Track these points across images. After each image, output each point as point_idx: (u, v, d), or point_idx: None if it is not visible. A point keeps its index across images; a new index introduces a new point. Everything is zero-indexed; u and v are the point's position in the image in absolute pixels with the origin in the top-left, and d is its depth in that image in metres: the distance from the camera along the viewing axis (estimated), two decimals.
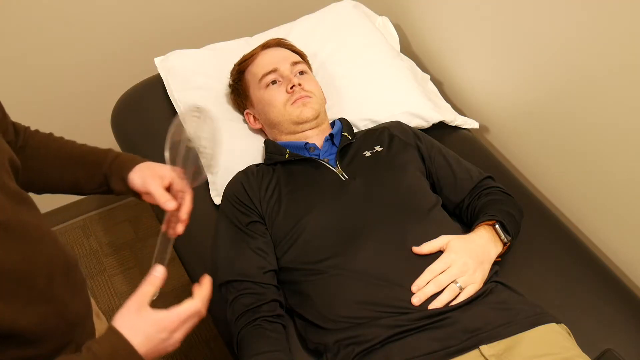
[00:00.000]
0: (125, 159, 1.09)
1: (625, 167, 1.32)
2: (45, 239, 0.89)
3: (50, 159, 1.08)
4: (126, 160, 1.09)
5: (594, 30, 1.27)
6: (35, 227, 0.87)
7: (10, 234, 0.81)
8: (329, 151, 1.39)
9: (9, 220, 0.82)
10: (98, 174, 1.09)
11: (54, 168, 1.09)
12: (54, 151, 1.09)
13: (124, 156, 1.10)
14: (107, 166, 1.08)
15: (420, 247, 1.17)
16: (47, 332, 0.86)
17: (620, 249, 1.42)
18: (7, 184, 0.85)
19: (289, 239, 1.24)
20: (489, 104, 1.68)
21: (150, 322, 0.84)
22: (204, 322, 2.01)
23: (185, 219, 1.01)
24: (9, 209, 0.83)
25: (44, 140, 1.10)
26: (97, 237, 2.21)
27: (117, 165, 1.08)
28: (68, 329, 0.90)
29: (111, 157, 1.09)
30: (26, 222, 0.86)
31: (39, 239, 0.87)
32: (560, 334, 1.09)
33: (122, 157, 1.10)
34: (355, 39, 1.71)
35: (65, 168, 1.09)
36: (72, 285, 0.93)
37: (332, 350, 1.12)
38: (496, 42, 1.57)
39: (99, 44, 1.86)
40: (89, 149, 1.12)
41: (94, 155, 1.10)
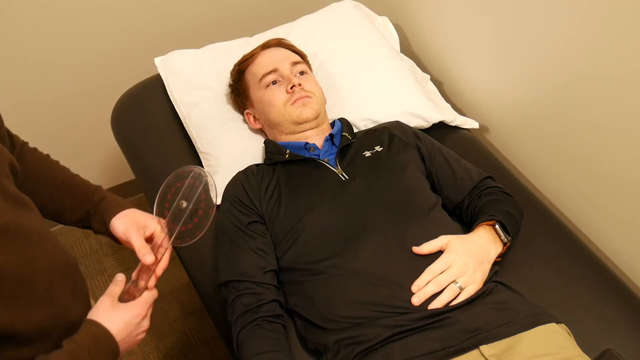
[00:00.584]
0: (112, 202, 1.09)
1: (625, 167, 1.32)
2: (45, 241, 0.90)
3: (43, 180, 1.08)
4: (112, 204, 1.09)
5: (594, 31, 1.27)
6: (35, 231, 0.88)
7: (10, 237, 0.82)
8: (329, 151, 1.39)
9: (9, 223, 0.82)
10: (82, 208, 1.09)
11: (44, 190, 1.08)
12: (48, 174, 1.09)
13: (111, 198, 1.10)
14: (93, 204, 1.08)
15: (420, 247, 1.17)
16: (46, 333, 0.86)
17: (620, 249, 1.42)
18: (6, 188, 0.85)
19: (289, 239, 1.24)
20: (489, 104, 1.68)
21: (124, 311, 0.94)
22: (204, 322, 2.03)
23: (159, 275, 1.02)
24: (9, 212, 0.83)
25: (40, 161, 1.10)
26: (97, 237, 2.20)
27: (102, 206, 1.08)
28: (67, 330, 0.90)
29: (99, 196, 1.09)
30: (26, 226, 0.86)
31: (39, 242, 0.88)
32: (560, 334, 1.09)
33: (109, 199, 1.10)
34: (355, 39, 1.71)
35: (55, 193, 1.08)
36: (72, 287, 0.93)
37: (332, 350, 1.12)
38: (496, 42, 1.57)
39: (99, 44, 1.86)
40: (80, 181, 1.12)
41: (84, 189, 1.10)
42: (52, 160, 1.13)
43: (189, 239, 1.00)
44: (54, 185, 1.08)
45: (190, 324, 1.97)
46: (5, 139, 1.00)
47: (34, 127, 1.93)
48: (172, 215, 1.00)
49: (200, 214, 1.00)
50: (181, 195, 1.00)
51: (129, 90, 1.76)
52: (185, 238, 1.01)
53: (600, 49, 1.27)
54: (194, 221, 1.00)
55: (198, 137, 1.56)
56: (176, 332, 1.95)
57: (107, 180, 2.22)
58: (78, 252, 2.16)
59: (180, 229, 1.00)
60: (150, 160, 1.63)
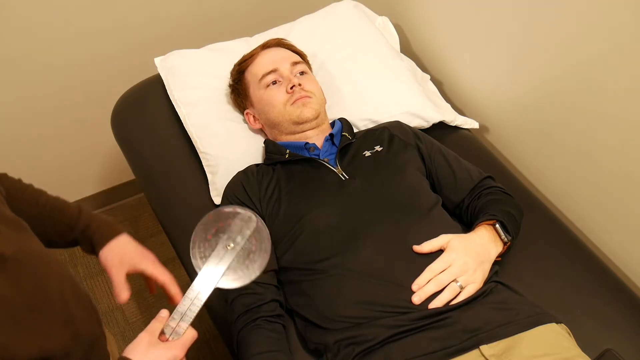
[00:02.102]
0: (96, 232, 1.05)
1: (625, 167, 1.32)
2: (51, 262, 0.89)
3: (22, 209, 1.02)
4: (97, 235, 1.04)
5: (594, 31, 1.27)
6: (39, 254, 0.87)
7: (21, 266, 0.81)
8: (329, 151, 1.39)
9: (17, 252, 0.81)
10: (69, 235, 1.06)
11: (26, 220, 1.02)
12: (26, 202, 1.04)
13: (96, 225, 1.05)
14: (79, 232, 1.05)
15: (421, 246, 1.17)
16: (69, 353, 0.85)
17: (620, 249, 1.42)
18: (5, 214, 0.85)
19: (289, 239, 1.24)
20: (489, 104, 1.68)
21: (161, 350, 0.90)
22: (204, 322, 2.02)
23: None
24: (15, 239, 0.82)
25: (16, 188, 1.06)
26: None
27: (88, 235, 1.05)
28: (86, 348, 0.89)
29: (83, 223, 1.05)
30: (32, 250, 0.85)
31: (47, 265, 0.87)
32: (560, 334, 1.09)
33: (94, 226, 1.05)
34: (355, 39, 1.71)
35: (36, 221, 1.02)
36: (82, 302, 0.92)
37: (332, 350, 1.12)
38: (496, 42, 1.57)
39: (98, 44, 1.86)
40: (62, 206, 1.07)
41: (65, 215, 1.06)
42: (26, 185, 1.08)
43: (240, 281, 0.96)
44: (36, 213, 1.04)
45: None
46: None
47: (33, 127, 1.93)
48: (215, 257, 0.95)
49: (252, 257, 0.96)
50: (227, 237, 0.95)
51: (129, 90, 1.76)
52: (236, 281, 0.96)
53: (600, 49, 1.27)
54: (245, 263, 0.96)
55: (198, 137, 1.56)
56: None
57: (107, 180, 2.22)
58: (78, 251, 2.16)
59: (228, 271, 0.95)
60: (150, 160, 1.63)
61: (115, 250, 1.04)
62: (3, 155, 1.92)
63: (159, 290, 1.09)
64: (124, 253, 1.04)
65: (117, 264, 1.02)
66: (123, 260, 1.03)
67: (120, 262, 1.03)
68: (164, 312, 0.95)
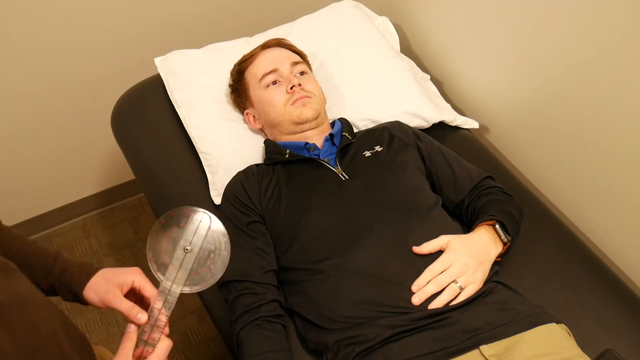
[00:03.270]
0: (75, 272, 0.98)
1: (625, 167, 1.32)
2: (39, 304, 0.86)
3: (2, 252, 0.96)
4: (76, 274, 0.98)
5: (594, 31, 1.27)
6: (28, 296, 0.84)
7: (13, 312, 0.79)
8: (329, 151, 1.39)
9: (9, 298, 0.78)
10: (45, 281, 0.99)
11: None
12: (5, 246, 0.99)
13: (73, 269, 0.99)
14: (56, 277, 0.99)
15: (421, 247, 1.17)
16: None
17: (620, 249, 1.42)
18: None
19: (289, 239, 1.24)
20: (489, 104, 1.68)
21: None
22: (204, 322, 2.02)
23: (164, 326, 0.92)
24: (5, 285, 0.80)
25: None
26: (97, 237, 2.21)
27: (66, 279, 0.98)
28: None
29: (60, 268, 0.99)
30: (21, 294, 0.82)
31: (35, 307, 0.84)
32: (560, 334, 1.09)
33: (70, 270, 0.99)
34: (355, 39, 1.71)
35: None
36: (73, 339, 0.90)
37: (332, 350, 1.12)
38: (496, 42, 1.57)
39: (99, 44, 1.86)
40: (35, 250, 1.01)
41: (41, 260, 1.00)
42: (3, 227, 1.02)
43: (204, 284, 0.92)
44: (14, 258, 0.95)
45: (190, 324, 1.97)
46: None
47: (33, 127, 1.93)
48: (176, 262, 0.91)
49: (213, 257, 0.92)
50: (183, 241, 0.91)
51: (129, 90, 1.76)
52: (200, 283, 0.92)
53: (600, 49, 1.27)
54: (207, 265, 0.92)
55: (198, 137, 1.56)
56: (176, 332, 1.95)
57: (107, 180, 2.22)
58: (78, 252, 2.16)
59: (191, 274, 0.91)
60: (150, 161, 1.63)
61: (99, 283, 0.97)
62: (3, 155, 1.92)
63: None
64: (108, 280, 0.97)
65: (108, 293, 0.96)
66: (111, 285, 0.96)
67: (110, 289, 0.96)
68: (131, 327, 0.90)
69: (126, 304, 0.94)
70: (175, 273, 0.91)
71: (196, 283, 0.92)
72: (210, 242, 0.93)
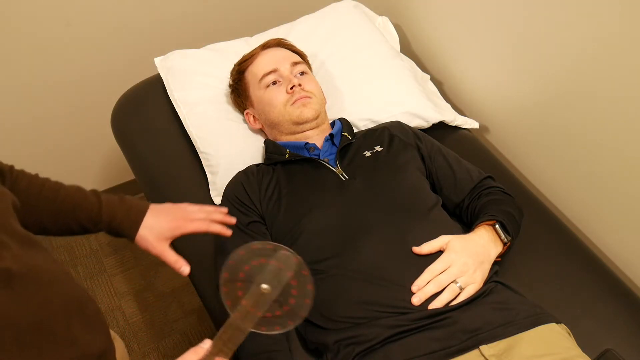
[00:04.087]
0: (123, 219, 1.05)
1: (625, 167, 1.32)
2: (58, 279, 0.87)
3: (42, 208, 1.03)
4: (125, 222, 1.05)
5: (594, 31, 1.27)
6: (46, 270, 0.85)
7: (27, 283, 0.79)
8: (329, 151, 1.39)
9: (24, 268, 0.79)
10: (92, 230, 1.06)
11: (47, 217, 1.04)
12: (44, 200, 1.04)
13: (119, 216, 1.05)
14: (105, 225, 1.06)
15: (420, 247, 1.17)
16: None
17: (620, 249, 1.42)
18: (16, 230, 0.83)
19: (289, 239, 1.24)
20: (489, 104, 1.68)
21: None
22: (204, 322, 2.02)
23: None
24: (23, 256, 0.81)
25: (33, 187, 1.04)
26: (97, 237, 2.21)
27: (115, 226, 1.06)
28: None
29: (106, 218, 1.05)
30: (39, 267, 0.83)
31: (52, 282, 0.85)
32: (560, 334, 1.09)
33: (117, 219, 1.05)
34: (355, 39, 1.71)
35: (57, 217, 1.04)
36: (89, 321, 0.90)
37: (332, 350, 1.12)
38: (496, 42, 1.57)
39: (99, 43, 1.86)
40: (78, 202, 1.05)
41: (85, 211, 1.04)
42: (42, 181, 1.06)
43: (279, 327, 0.84)
44: (57, 212, 1.04)
45: (190, 324, 1.97)
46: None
47: (33, 127, 1.93)
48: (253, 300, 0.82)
49: (292, 302, 0.84)
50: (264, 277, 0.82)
51: (129, 90, 1.76)
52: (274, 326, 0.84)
53: (600, 48, 1.27)
54: (283, 309, 0.84)
55: (198, 137, 1.56)
56: (176, 332, 1.95)
57: (107, 180, 2.22)
58: (78, 252, 2.16)
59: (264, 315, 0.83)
60: (150, 160, 1.63)
61: (148, 235, 1.04)
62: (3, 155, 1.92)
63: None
64: (156, 232, 1.04)
65: (156, 245, 1.03)
66: (159, 239, 1.04)
67: (158, 242, 1.04)
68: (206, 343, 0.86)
69: (171, 257, 1.03)
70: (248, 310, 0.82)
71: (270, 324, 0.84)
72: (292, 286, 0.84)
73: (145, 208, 1.07)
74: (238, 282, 0.84)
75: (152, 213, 1.07)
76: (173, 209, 1.10)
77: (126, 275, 2.10)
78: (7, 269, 0.76)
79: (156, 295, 2.04)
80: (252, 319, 0.82)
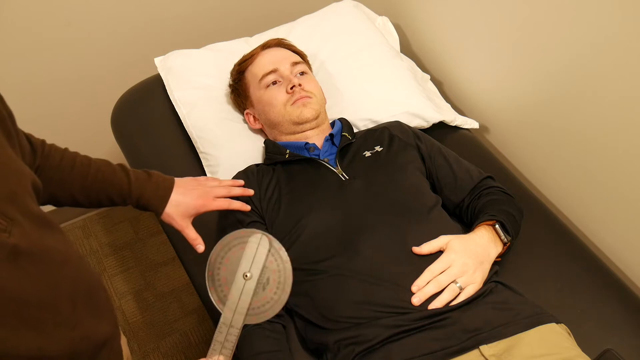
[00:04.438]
0: (151, 197, 1.13)
1: (625, 167, 1.32)
2: (69, 262, 0.88)
3: (74, 183, 1.10)
4: (152, 199, 1.13)
5: (594, 31, 1.27)
6: (58, 252, 0.86)
7: (35, 261, 0.80)
8: (329, 151, 1.39)
9: (33, 246, 0.80)
10: (121, 204, 1.14)
11: (78, 191, 1.11)
12: (76, 175, 1.10)
13: (148, 193, 1.13)
14: (134, 202, 1.13)
15: (420, 248, 1.17)
16: (75, 356, 0.85)
17: (620, 249, 1.42)
18: (31, 209, 0.84)
19: (289, 239, 1.24)
20: (489, 104, 1.68)
21: None
22: (204, 322, 2.02)
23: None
24: (34, 234, 0.82)
25: (66, 162, 1.10)
26: (97, 237, 2.21)
27: (143, 203, 1.13)
28: (95, 350, 0.89)
29: (135, 195, 1.12)
30: (50, 247, 0.85)
31: (63, 264, 0.86)
32: (560, 334, 1.09)
33: (145, 196, 1.13)
34: (355, 39, 1.71)
35: (90, 192, 1.11)
36: (96, 307, 0.91)
37: (332, 350, 1.12)
38: (496, 42, 1.57)
39: (99, 43, 1.87)
40: (108, 178, 1.12)
41: (115, 187, 1.12)
42: (73, 156, 1.12)
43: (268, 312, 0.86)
44: (88, 188, 1.11)
45: (190, 324, 1.97)
46: (23, 143, 0.98)
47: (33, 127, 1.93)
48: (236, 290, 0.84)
49: (275, 281, 0.85)
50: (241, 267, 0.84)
51: (129, 90, 1.77)
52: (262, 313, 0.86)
53: (600, 48, 1.27)
54: (268, 291, 0.85)
55: (198, 137, 1.56)
56: (176, 332, 1.95)
57: None
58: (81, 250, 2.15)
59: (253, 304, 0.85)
60: (150, 160, 1.62)
61: (173, 212, 1.13)
62: None
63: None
64: (181, 210, 1.13)
65: (180, 222, 1.13)
66: (184, 216, 1.13)
67: (181, 219, 1.13)
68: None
69: (192, 234, 1.14)
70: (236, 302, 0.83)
71: (259, 312, 0.85)
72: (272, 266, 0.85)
73: (171, 184, 1.15)
74: (222, 278, 0.85)
75: (178, 190, 1.15)
76: (197, 187, 1.19)
77: (126, 275, 2.10)
78: (14, 245, 0.77)
79: (156, 295, 2.05)
80: (242, 312, 0.83)
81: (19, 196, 0.82)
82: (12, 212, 0.79)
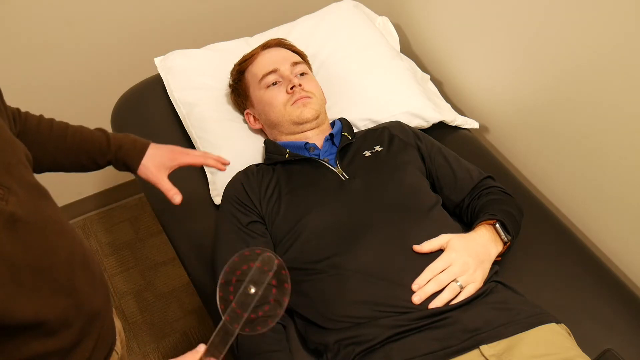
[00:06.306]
0: (129, 149, 1.18)
1: (625, 167, 1.32)
2: (65, 232, 0.90)
3: (52, 147, 1.13)
4: (130, 151, 1.18)
5: (594, 31, 1.27)
6: (54, 221, 0.88)
7: (31, 229, 0.82)
8: (329, 151, 1.39)
9: (29, 215, 0.82)
10: (101, 161, 1.18)
11: (59, 152, 1.14)
12: (55, 138, 1.13)
13: (126, 145, 1.18)
14: (112, 155, 1.17)
15: (421, 246, 1.17)
16: (68, 323, 0.87)
17: (620, 249, 1.42)
18: (26, 179, 0.86)
19: (289, 239, 1.24)
20: (489, 104, 1.68)
21: None
22: (204, 322, 2.02)
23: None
24: (29, 203, 0.83)
25: (44, 126, 1.13)
26: (97, 237, 2.21)
27: (121, 155, 1.18)
28: (88, 320, 0.90)
29: (114, 147, 1.17)
30: (46, 217, 0.86)
31: (59, 233, 0.88)
32: (560, 334, 1.09)
33: (123, 150, 1.18)
34: (355, 39, 1.71)
35: (67, 153, 1.15)
36: (91, 278, 0.93)
37: (332, 350, 1.12)
38: (496, 42, 1.57)
39: (99, 43, 1.86)
40: (86, 137, 1.17)
41: (94, 145, 1.16)
42: (49, 122, 1.15)
43: (260, 327, 0.90)
44: (67, 149, 1.14)
45: (190, 324, 1.97)
46: (9, 115, 1.01)
47: None
48: (239, 301, 0.88)
49: (272, 301, 0.89)
50: (249, 279, 0.88)
51: (129, 90, 1.77)
52: (256, 326, 0.90)
53: (600, 48, 1.27)
54: (264, 309, 0.90)
55: (198, 137, 1.56)
56: (176, 332, 1.95)
57: (107, 180, 2.22)
58: None
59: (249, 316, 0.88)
60: None
61: (149, 163, 1.18)
62: None
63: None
64: (157, 161, 1.19)
65: (156, 173, 1.18)
66: (159, 168, 1.18)
67: (157, 170, 1.18)
68: (201, 347, 0.94)
69: (166, 185, 1.17)
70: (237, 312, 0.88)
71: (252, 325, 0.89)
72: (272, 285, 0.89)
73: (148, 142, 1.21)
74: (231, 287, 0.90)
75: (154, 146, 1.21)
76: (172, 146, 1.25)
77: (126, 275, 2.10)
78: (11, 212, 0.78)
79: (156, 295, 2.05)
80: (239, 321, 0.88)
81: (13, 166, 0.83)
82: (8, 181, 0.80)
